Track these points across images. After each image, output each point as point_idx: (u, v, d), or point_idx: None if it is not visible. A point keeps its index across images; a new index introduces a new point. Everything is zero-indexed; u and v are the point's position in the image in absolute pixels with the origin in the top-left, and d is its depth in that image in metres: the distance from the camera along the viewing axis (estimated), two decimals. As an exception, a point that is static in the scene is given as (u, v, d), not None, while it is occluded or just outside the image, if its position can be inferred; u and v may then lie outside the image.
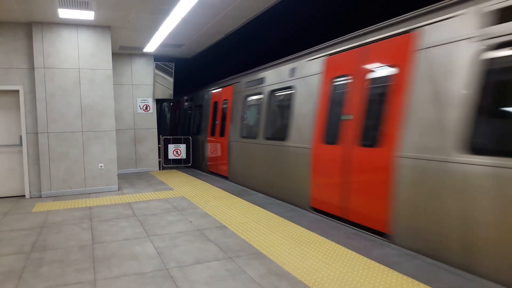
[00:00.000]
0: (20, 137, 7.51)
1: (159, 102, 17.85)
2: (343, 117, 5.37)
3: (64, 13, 6.84)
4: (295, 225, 5.08)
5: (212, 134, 10.47)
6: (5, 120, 7.46)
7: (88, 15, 6.97)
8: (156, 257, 4.02)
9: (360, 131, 5.00)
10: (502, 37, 3.35)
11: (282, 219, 5.39)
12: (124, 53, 10.68)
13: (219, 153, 9.99)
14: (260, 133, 7.70)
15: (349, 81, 5.30)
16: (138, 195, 7.45)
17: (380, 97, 4.70)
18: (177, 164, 12.23)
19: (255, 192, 7.48)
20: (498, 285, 3.18)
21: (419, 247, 4.12)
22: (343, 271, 3.54)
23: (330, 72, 5.75)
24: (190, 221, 5.39)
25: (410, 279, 3.31)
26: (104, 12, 6.91)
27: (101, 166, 7.90)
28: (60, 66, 7.54)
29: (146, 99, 11.06)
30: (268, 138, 7.40)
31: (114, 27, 7.95)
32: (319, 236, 4.58)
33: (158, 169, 11.24)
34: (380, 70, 4.75)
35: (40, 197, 7.53)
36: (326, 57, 5.86)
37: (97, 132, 7.86)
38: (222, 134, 9.77)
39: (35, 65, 7.37)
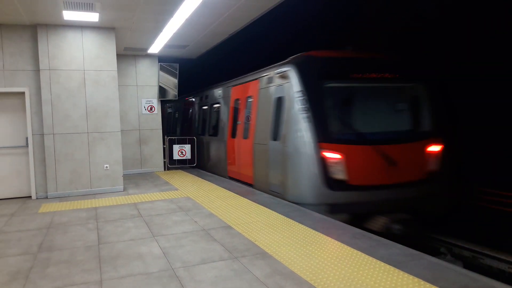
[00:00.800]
0: (26, 138, 7.56)
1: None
2: None
3: (69, 15, 6.89)
4: (300, 225, 5.07)
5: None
6: (11, 121, 7.52)
7: (92, 16, 7.01)
8: (161, 257, 4.03)
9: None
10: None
11: (287, 218, 5.39)
12: (128, 54, 10.73)
13: None
14: None
15: None
16: (144, 195, 7.48)
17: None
18: (182, 165, 12.26)
19: (260, 192, 7.48)
20: (504, 284, 3.16)
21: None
22: (348, 271, 3.53)
23: None
24: (195, 221, 5.40)
25: (416, 279, 3.30)
26: (108, 14, 6.95)
27: (106, 167, 7.94)
28: (65, 68, 7.59)
29: (151, 100, 11.11)
30: None
31: (119, 29, 7.99)
32: (324, 236, 4.57)
33: (163, 169, 11.29)
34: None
35: (46, 198, 7.58)
36: None
37: (102, 133, 7.90)
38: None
39: (41, 67, 7.42)
